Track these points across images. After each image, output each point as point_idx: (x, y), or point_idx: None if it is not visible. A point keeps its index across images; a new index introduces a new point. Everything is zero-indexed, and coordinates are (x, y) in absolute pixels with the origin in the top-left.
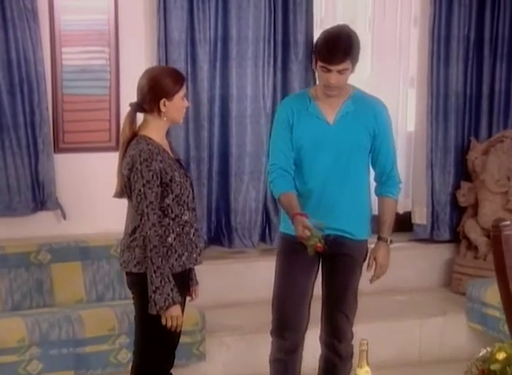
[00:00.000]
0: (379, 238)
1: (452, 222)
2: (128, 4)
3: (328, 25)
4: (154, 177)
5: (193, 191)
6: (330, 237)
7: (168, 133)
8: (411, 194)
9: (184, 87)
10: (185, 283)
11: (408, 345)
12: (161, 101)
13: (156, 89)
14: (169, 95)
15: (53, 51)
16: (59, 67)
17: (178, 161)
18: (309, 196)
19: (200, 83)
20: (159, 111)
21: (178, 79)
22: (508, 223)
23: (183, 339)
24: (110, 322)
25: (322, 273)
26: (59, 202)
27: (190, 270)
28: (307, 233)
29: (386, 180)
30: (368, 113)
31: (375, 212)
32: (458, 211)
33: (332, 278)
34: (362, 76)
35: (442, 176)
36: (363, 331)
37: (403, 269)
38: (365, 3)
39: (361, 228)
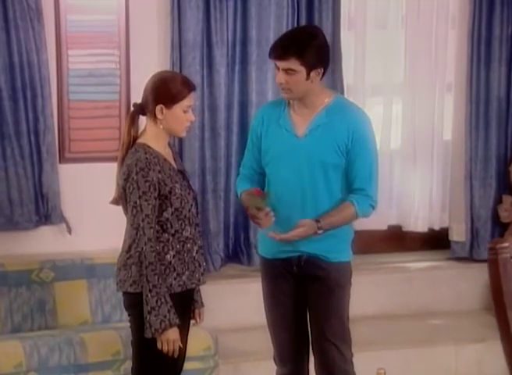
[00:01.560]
0: (315, 220)
1: (493, 239)
2: (140, 3)
3: (358, 25)
4: (152, 189)
5: (197, 205)
6: (303, 258)
7: (181, 143)
8: (448, 208)
9: (190, 99)
10: (187, 304)
11: (442, 374)
12: (158, 107)
13: (156, 92)
14: (168, 103)
15: (58, 54)
16: (65, 71)
17: (181, 172)
18: (277, 213)
19: (217, 88)
20: (155, 117)
21: (184, 88)
22: (507, 244)
23: (194, 365)
24: (115, 346)
25: (307, 298)
26: (64, 216)
27: (194, 291)
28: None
29: (355, 191)
30: (340, 127)
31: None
32: (500, 227)
33: (312, 302)
34: (395, 81)
35: (483, 189)
36: (391, 358)
37: (440, 290)
38: (398, 2)
39: (336, 250)
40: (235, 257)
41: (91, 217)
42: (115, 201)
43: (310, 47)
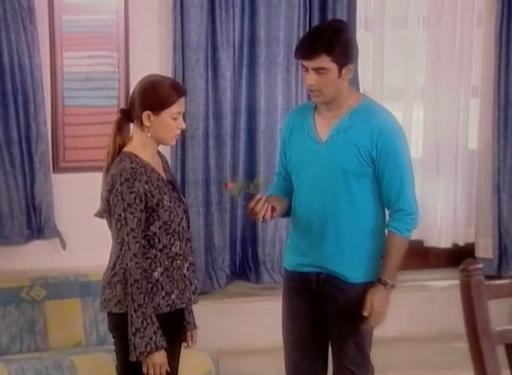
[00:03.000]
0: (378, 280)
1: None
2: (140, 2)
3: (375, 26)
4: (137, 200)
5: (188, 218)
6: (322, 275)
7: (183, 152)
8: (474, 223)
9: (180, 105)
10: (177, 326)
11: None
12: (145, 114)
13: (143, 97)
14: (156, 109)
15: (52, 56)
16: (60, 74)
17: (171, 183)
18: (299, 227)
19: (223, 92)
20: (142, 124)
21: (173, 93)
22: (480, 266)
23: None
24: (106, 370)
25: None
26: (58, 230)
27: (186, 311)
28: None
29: (393, 213)
30: (363, 132)
31: None
32: None
33: (330, 325)
34: (415, 85)
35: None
36: None
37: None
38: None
39: (358, 270)
40: (242, 274)
41: (87, 231)
42: (100, 214)
43: (339, 41)
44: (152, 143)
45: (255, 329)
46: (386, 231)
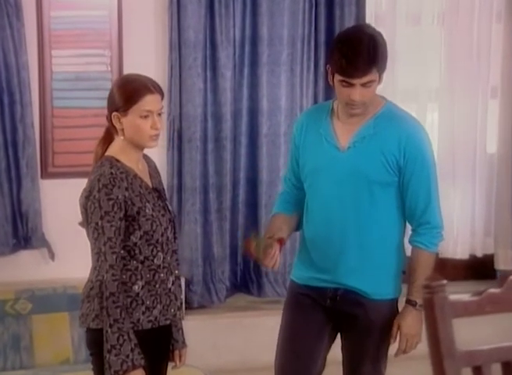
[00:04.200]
0: (407, 301)
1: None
2: None
3: (386, 22)
4: (116, 208)
5: (173, 228)
6: (340, 291)
7: (180, 155)
8: (493, 232)
9: (148, 102)
10: (162, 344)
11: None
12: (114, 115)
13: (110, 98)
14: (122, 108)
15: (41, 55)
16: (48, 74)
17: (157, 191)
18: (314, 240)
19: (222, 93)
20: (115, 127)
21: (138, 89)
22: (444, 282)
23: None
24: None
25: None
26: (46, 239)
27: (174, 328)
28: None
29: (417, 227)
30: (390, 139)
31: None
32: None
33: (346, 343)
34: (430, 85)
35: None
36: None
37: (485, 326)
38: None
39: (380, 285)
40: (243, 286)
41: (77, 241)
42: (82, 224)
43: (381, 50)
44: (132, 147)
45: (257, 345)
46: (410, 247)
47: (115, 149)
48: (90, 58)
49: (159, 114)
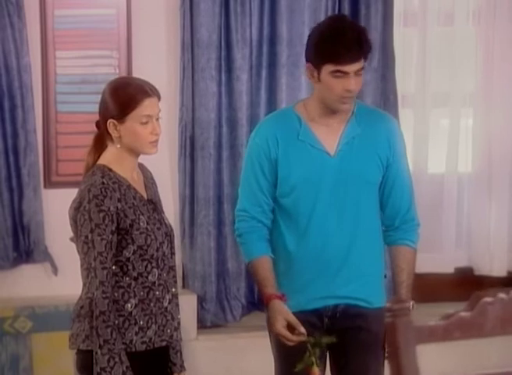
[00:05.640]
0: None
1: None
2: None
3: (417, 21)
4: (107, 220)
5: (170, 243)
6: (340, 308)
7: (192, 164)
8: None
9: (147, 107)
10: (158, 367)
11: None
12: (109, 123)
13: (104, 105)
14: (119, 115)
15: (44, 56)
16: (52, 77)
17: (152, 202)
18: (303, 257)
19: (238, 97)
20: (111, 136)
21: (135, 94)
22: (408, 304)
23: None
24: None
25: (330, 356)
26: (49, 253)
27: (172, 351)
28: (301, 338)
29: (401, 224)
30: (380, 136)
31: None
32: None
33: (346, 361)
34: (464, 89)
35: None
36: None
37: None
38: None
39: (378, 292)
40: (260, 304)
41: None
42: (74, 239)
43: (366, 35)
44: (127, 155)
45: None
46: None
47: (108, 158)
48: (96, 60)
49: (157, 119)
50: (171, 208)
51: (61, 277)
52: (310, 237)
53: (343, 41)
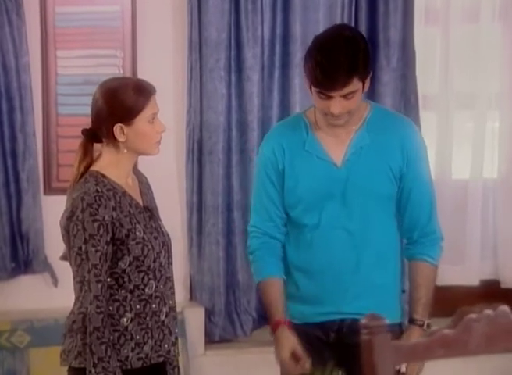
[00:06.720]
0: (412, 321)
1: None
2: None
3: (439, 19)
4: (102, 230)
5: (167, 252)
6: (346, 322)
7: (200, 169)
8: None
9: (153, 105)
10: None
11: None
12: (116, 128)
13: (108, 110)
14: (126, 118)
15: (44, 56)
16: (53, 77)
17: (149, 210)
18: (310, 270)
19: (248, 99)
20: (116, 141)
21: (139, 95)
22: (384, 322)
23: None
24: None
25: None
26: (49, 263)
27: (169, 367)
28: (305, 370)
29: (420, 238)
30: (391, 145)
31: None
32: None
33: None
34: (489, 91)
35: None
36: None
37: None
38: None
39: (391, 306)
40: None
41: None
42: (63, 257)
43: (361, 55)
44: (127, 161)
45: None
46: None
47: (104, 163)
48: (99, 60)
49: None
50: (178, 216)
51: (61, 289)
52: (316, 250)
53: (327, 67)
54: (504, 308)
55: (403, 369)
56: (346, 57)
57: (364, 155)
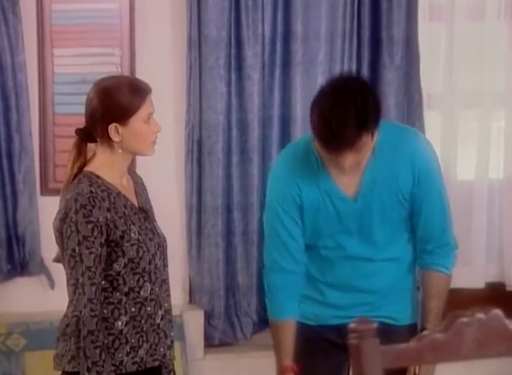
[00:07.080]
0: (423, 330)
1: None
2: None
3: (444, 15)
4: (96, 232)
5: (163, 254)
6: None
7: (200, 169)
8: None
9: (148, 105)
10: None
11: None
12: (111, 128)
13: (102, 110)
14: (122, 118)
15: (40, 54)
16: (49, 76)
17: (144, 210)
18: (334, 285)
19: (249, 98)
20: (110, 141)
21: (135, 94)
22: (373, 326)
23: None
24: None
25: None
26: (45, 265)
27: (164, 370)
28: None
29: (435, 249)
30: (401, 165)
31: None
32: None
33: None
34: (495, 90)
35: None
36: None
37: None
38: None
39: (407, 308)
40: None
41: None
42: (56, 259)
43: (371, 110)
44: (122, 161)
45: None
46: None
47: (98, 164)
48: (97, 58)
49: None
50: (177, 217)
51: (58, 291)
52: (337, 269)
53: (336, 127)
54: (496, 311)
55: (417, 370)
56: (355, 114)
57: (377, 186)
